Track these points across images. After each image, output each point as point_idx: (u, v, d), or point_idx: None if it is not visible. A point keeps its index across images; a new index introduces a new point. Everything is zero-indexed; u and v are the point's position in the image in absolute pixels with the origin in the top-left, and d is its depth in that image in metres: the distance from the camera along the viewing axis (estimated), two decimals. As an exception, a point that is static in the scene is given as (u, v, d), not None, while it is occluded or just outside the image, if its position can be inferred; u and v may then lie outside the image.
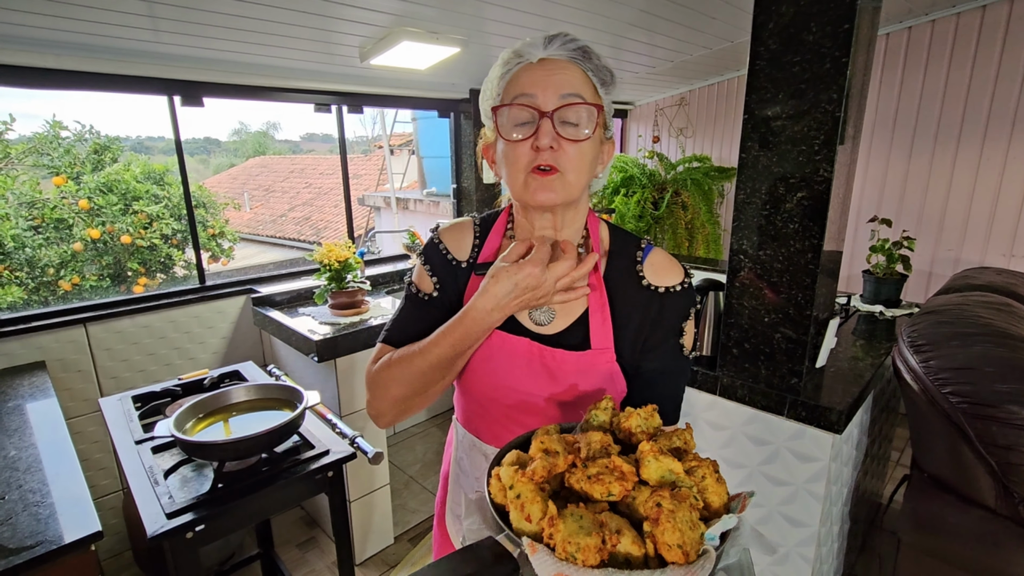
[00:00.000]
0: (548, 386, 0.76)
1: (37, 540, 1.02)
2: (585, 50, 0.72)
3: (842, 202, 1.40)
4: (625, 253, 0.80)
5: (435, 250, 0.84)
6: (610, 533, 0.45)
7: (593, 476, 0.49)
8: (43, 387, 1.70)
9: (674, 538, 0.43)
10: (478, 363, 0.79)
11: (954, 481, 1.43)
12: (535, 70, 0.71)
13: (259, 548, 2.04)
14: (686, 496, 0.47)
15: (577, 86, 0.70)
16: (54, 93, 1.67)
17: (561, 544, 0.43)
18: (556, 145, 0.69)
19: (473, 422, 0.86)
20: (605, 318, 0.77)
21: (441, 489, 0.99)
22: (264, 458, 1.35)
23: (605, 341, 0.76)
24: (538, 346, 0.76)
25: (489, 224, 0.86)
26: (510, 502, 0.49)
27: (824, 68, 1.23)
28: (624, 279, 0.79)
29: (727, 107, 3.83)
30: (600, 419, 0.62)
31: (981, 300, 1.75)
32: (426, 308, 0.82)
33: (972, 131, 2.80)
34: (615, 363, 0.76)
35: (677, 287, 0.78)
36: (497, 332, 0.77)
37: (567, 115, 0.69)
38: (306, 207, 10.69)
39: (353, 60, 2.28)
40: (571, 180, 0.71)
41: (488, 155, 0.80)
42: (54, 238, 4.17)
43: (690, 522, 0.45)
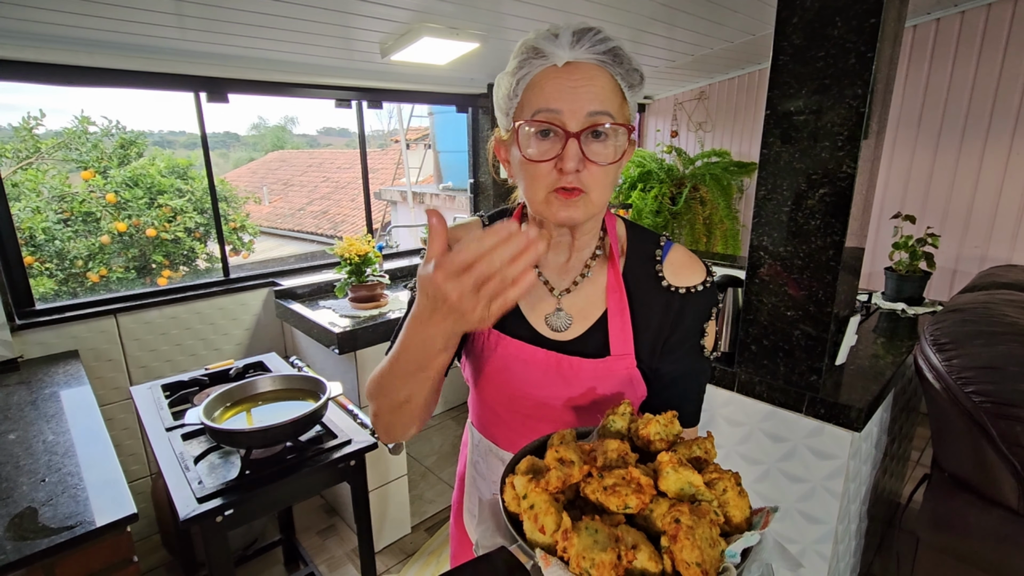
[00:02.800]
0: (565, 392, 0.74)
1: (77, 521, 1.07)
2: (616, 52, 0.65)
3: (865, 198, 1.39)
4: (643, 252, 0.77)
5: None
6: (626, 548, 0.43)
7: (609, 487, 0.47)
8: (77, 375, 1.76)
9: (693, 556, 0.41)
10: (493, 372, 0.77)
11: (975, 481, 1.42)
12: (560, 79, 0.64)
13: (281, 534, 2.10)
14: (706, 511, 0.45)
15: (607, 98, 0.64)
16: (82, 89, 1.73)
17: (575, 559, 0.42)
18: (582, 167, 0.64)
19: (489, 428, 0.84)
20: (625, 322, 0.74)
21: (457, 488, 0.99)
22: (289, 446, 1.39)
23: (625, 347, 0.73)
24: (555, 355, 0.73)
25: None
26: (524, 512, 0.47)
27: (849, 63, 1.22)
28: (643, 280, 0.75)
29: (747, 101, 3.79)
30: (618, 425, 0.60)
31: (1007, 298, 1.72)
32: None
33: (1001, 126, 2.74)
34: (635, 368, 0.74)
35: (699, 287, 0.75)
36: (513, 341, 0.75)
37: (594, 134, 0.64)
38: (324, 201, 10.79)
39: (373, 56, 2.31)
40: (596, 199, 0.67)
41: (500, 154, 0.75)
42: (82, 231, 4.28)
43: (710, 539, 0.43)
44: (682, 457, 0.51)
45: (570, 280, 0.77)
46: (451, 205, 5.36)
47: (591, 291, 0.76)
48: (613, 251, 0.77)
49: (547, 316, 0.76)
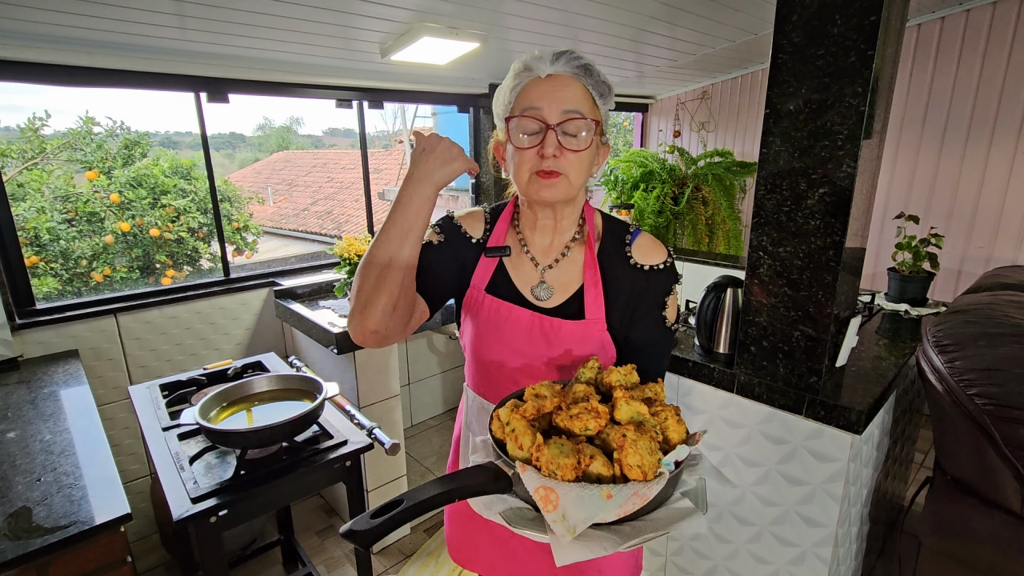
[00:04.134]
0: (547, 351, 0.88)
1: (71, 520, 1.06)
2: (587, 67, 0.83)
3: (866, 198, 1.37)
4: (616, 237, 0.92)
5: (449, 222, 0.95)
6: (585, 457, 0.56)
7: (574, 415, 0.61)
8: (76, 375, 1.76)
9: (635, 460, 0.54)
10: (486, 332, 0.90)
11: (978, 484, 1.40)
12: (543, 85, 0.81)
13: (280, 535, 2.10)
14: (648, 431, 0.58)
15: (578, 101, 0.81)
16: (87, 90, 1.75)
17: (545, 465, 0.55)
18: (559, 153, 0.80)
19: (481, 386, 0.97)
20: (598, 293, 0.88)
21: (453, 452, 1.10)
22: (285, 447, 1.39)
23: (598, 312, 0.87)
24: (539, 316, 0.88)
25: (498, 213, 0.97)
26: (507, 435, 0.60)
27: (849, 61, 1.21)
28: (615, 259, 0.90)
29: (750, 101, 3.77)
30: (587, 376, 0.74)
31: (1011, 299, 1.70)
32: (428, 252, 0.90)
33: (1007, 125, 2.71)
34: (606, 332, 0.88)
35: (660, 265, 0.89)
36: (504, 304, 0.89)
37: (569, 127, 0.80)
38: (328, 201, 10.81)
39: (374, 56, 2.30)
40: (572, 181, 0.83)
41: (499, 153, 0.91)
42: (87, 231, 4.30)
43: (649, 449, 0.56)
44: (633, 393, 0.65)
45: (552, 258, 0.92)
46: (454, 205, 5.39)
47: (570, 268, 0.91)
48: (590, 235, 0.91)
49: (532, 288, 0.91)
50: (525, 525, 0.56)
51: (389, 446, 1.44)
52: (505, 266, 0.93)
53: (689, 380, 1.66)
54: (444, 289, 0.92)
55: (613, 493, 0.52)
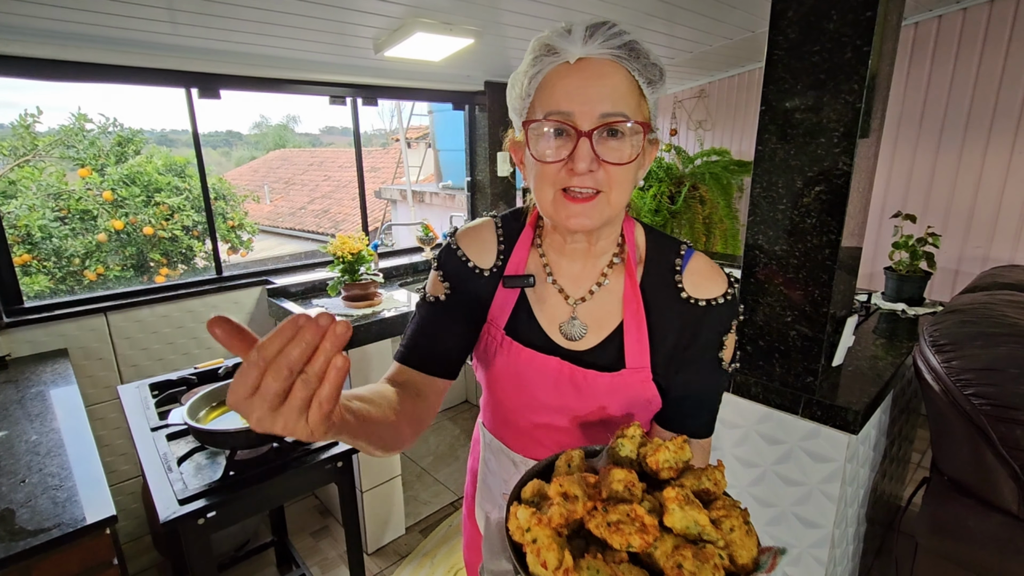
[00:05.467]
0: (577, 404, 0.72)
1: (55, 523, 1.04)
2: (632, 47, 0.62)
3: (863, 196, 1.36)
4: (663, 260, 0.74)
5: (451, 256, 0.77)
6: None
7: (613, 524, 0.47)
8: (65, 374, 1.74)
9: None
10: (507, 378, 0.75)
11: (975, 485, 1.39)
12: (572, 76, 0.62)
13: (273, 536, 2.08)
14: (711, 555, 0.44)
15: (620, 98, 0.62)
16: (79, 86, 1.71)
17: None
18: (595, 167, 0.62)
19: (500, 430, 0.84)
20: (641, 335, 0.71)
21: (470, 482, 0.98)
22: (275, 447, 1.37)
23: (641, 360, 0.71)
24: (569, 366, 0.71)
25: (513, 229, 0.79)
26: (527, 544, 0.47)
27: (845, 57, 1.19)
28: (661, 290, 0.72)
29: (747, 99, 3.76)
30: (626, 450, 0.58)
31: (1008, 299, 1.69)
32: (434, 311, 0.76)
33: (1003, 124, 2.70)
34: (651, 383, 0.71)
35: (720, 299, 0.71)
36: (526, 350, 0.73)
37: (611, 131, 0.62)
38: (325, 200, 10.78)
39: (367, 52, 2.28)
40: (613, 201, 0.64)
41: (516, 156, 0.73)
42: (79, 229, 4.27)
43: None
44: (689, 493, 0.49)
45: (586, 288, 0.75)
46: (451, 204, 5.34)
47: (607, 300, 0.74)
48: (631, 259, 0.74)
49: (561, 324, 0.74)
50: None
51: (381, 446, 1.42)
52: (528, 298, 0.76)
53: (685, 380, 1.64)
54: (464, 350, 0.78)
55: None
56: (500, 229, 0.78)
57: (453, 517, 2.39)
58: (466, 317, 0.76)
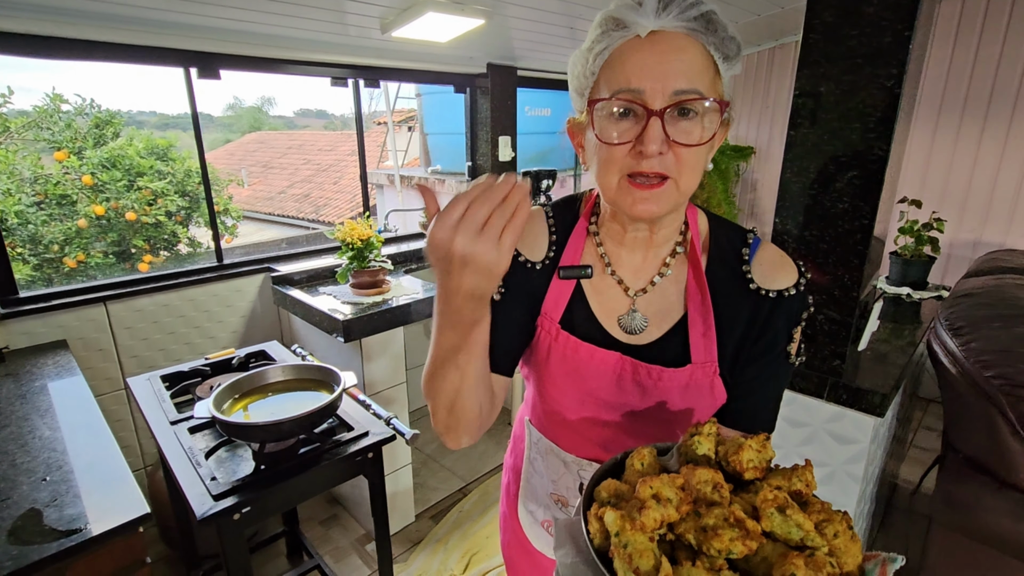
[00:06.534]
0: (640, 401, 0.70)
1: (84, 523, 1.00)
2: (710, 18, 0.58)
3: (893, 182, 1.37)
4: (729, 249, 0.70)
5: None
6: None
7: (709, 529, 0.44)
8: (68, 366, 1.67)
9: None
10: (562, 374, 0.72)
11: (991, 463, 1.43)
12: (643, 51, 0.57)
13: (284, 526, 2.05)
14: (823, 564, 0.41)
15: (696, 74, 0.57)
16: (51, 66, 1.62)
17: None
18: (665, 150, 0.58)
19: (551, 429, 0.80)
20: (708, 327, 0.67)
21: (512, 482, 0.93)
22: (303, 439, 1.34)
23: (708, 354, 0.67)
24: (631, 361, 0.68)
25: (566, 218, 0.75)
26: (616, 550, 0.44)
27: (884, 41, 1.19)
28: (728, 280, 0.68)
29: (745, 84, 3.76)
30: (703, 448, 0.54)
31: (1018, 283, 1.74)
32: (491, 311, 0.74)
33: (1000, 108, 2.75)
34: (718, 377, 0.68)
35: (792, 290, 0.67)
36: (584, 344, 0.70)
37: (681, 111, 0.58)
38: (306, 184, 10.53)
39: (372, 32, 2.21)
40: (683, 186, 0.60)
41: (575, 139, 0.68)
42: (58, 214, 4.09)
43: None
44: (787, 496, 0.46)
45: (647, 279, 0.71)
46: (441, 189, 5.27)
47: (670, 291, 0.70)
48: (695, 247, 0.70)
49: (620, 317, 0.71)
50: None
51: (410, 436, 1.40)
52: (584, 290, 0.72)
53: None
54: (521, 348, 0.75)
55: None
56: (552, 219, 0.74)
57: (463, 503, 2.39)
58: (522, 314, 0.73)
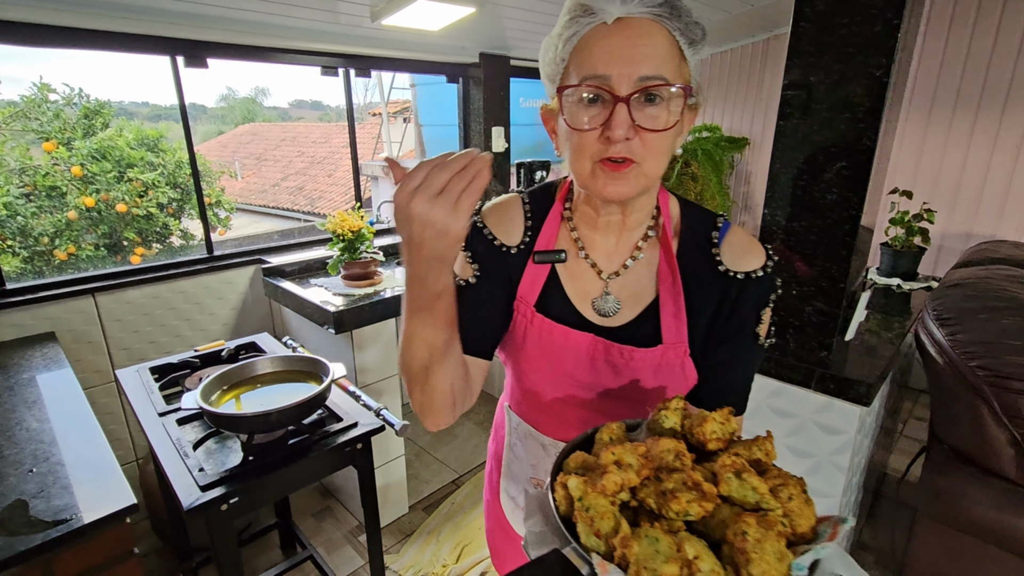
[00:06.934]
0: (613, 381, 0.72)
1: (71, 514, 1.00)
2: (673, 4, 0.59)
3: (881, 172, 1.37)
4: (699, 233, 0.72)
5: (479, 235, 0.75)
6: (687, 559, 0.41)
7: (668, 492, 0.46)
8: (56, 358, 1.66)
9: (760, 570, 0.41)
10: (538, 357, 0.74)
11: (975, 453, 1.45)
12: (610, 38, 0.59)
13: (277, 518, 2.05)
14: (774, 523, 0.43)
15: (661, 60, 0.59)
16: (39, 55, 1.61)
17: (635, 567, 0.41)
18: (631, 134, 0.60)
19: (529, 413, 0.82)
20: (679, 308, 0.69)
21: (494, 468, 0.96)
22: (291, 430, 1.34)
23: (678, 335, 0.69)
24: (604, 342, 0.70)
25: (541, 204, 0.76)
26: (578, 514, 0.46)
27: (874, 31, 1.18)
28: (698, 263, 0.70)
29: (739, 75, 3.75)
30: (670, 422, 0.57)
31: (1006, 274, 1.75)
32: (466, 294, 0.73)
33: (992, 100, 2.76)
34: (688, 358, 0.70)
35: (759, 272, 0.69)
36: (558, 326, 0.71)
37: (647, 96, 0.59)
38: (300, 176, 10.47)
39: (363, 20, 2.19)
40: (649, 171, 0.62)
41: (548, 125, 0.70)
42: (47, 206, 4.05)
43: (778, 553, 0.42)
44: (744, 462, 0.48)
45: (619, 263, 0.73)
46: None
47: (642, 274, 0.72)
48: (666, 232, 0.72)
49: (594, 300, 0.72)
50: None
51: (399, 427, 1.40)
52: (558, 274, 0.74)
53: (696, 356, 1.66)
54: (498, 331, 0.76)
55: None
56: (527, 205, 0.76)
57: (456, 495, 2.40)
58: (498, 297, 0.74)
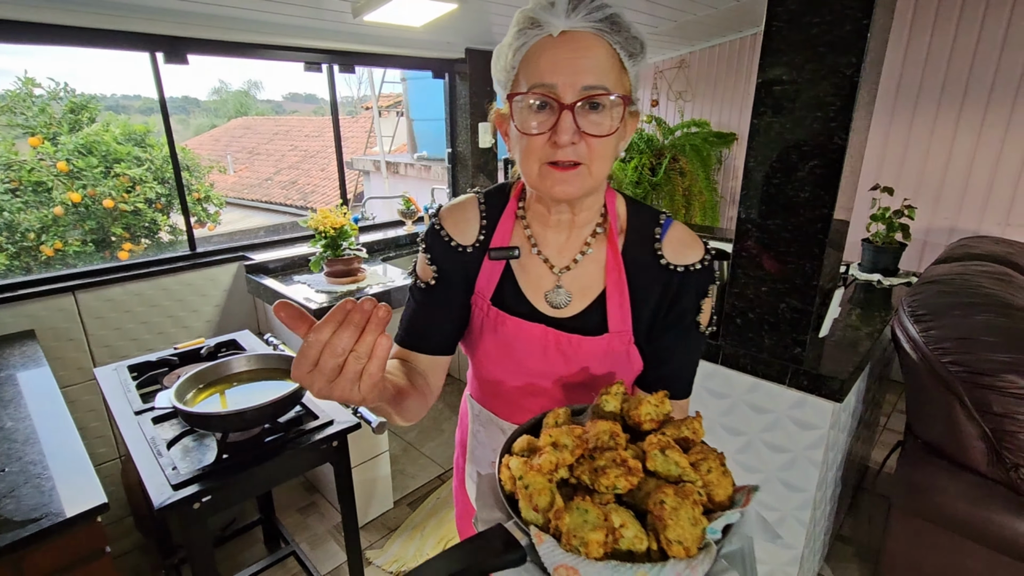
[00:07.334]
0: (563, 369, 0.76)
1: (42, 513, 1.01)
2: (614, 20, 0.64)
3: (854, 170, 1.38)
4: (643, 230, 0.77)
5: (436, 237, 0.79)
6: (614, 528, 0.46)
7: (600, 469, 0.50)
8: (35, 356, 1.66)
9: (675, 534, 0.45)
10: (495, 347, 0.78)
11: (948, 448, 1.47)
12: (556, 49, 0.63)
13: (260, 514, 2.06)
14: (690, 492, 0.48)
15: (603, 71, 0.64)
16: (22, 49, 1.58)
17: (566, 536, 0.45)
18: (577, 139, 0.64)
19: (488, 400, 0.87)
20: (623, 300, 0.75)
21: (460, 455, 1.01)
22: (267, 428, 1.34)
23: (623, 324, 0.75)
24: (554, 332, 0.75)
25: (496, 203, 0.81)
26: (519, 491, 0.50)
27: (844, 30, 1.19)
28: (642, 258, 0.76)
29: (728, 70, 3.75)
30: (610, 406, 0.62)
31: (981, 270, 1.76)
32: (427, 296, 0.78)
33: (976, 96, 2.77)
34: (633, 345, 0.75)
35: (697, 265, 0.75)
36: (512, 318, 0.76)
37: (590, 104, 0.64)
38: (293, 171, 10.43)
39: (345, 16, 2.17)
40: (594, 172, 0.67)
41: (501, 128, 0.74)
42: (33, 202, 4.03)
43: (692, 518, 0.46)
44: (669, 439, 0.54)
45: (570, 258, 0.78)
46: (427, 175, 5.23)
47: (591, 269, 0.77)
48: (612, 229, 0.77)
49: (547, 293, 0.77)
50: None
51: (376, 424, 1.41)
52: (513, 270, 0.79)
53: (675, 352, 1.67)
54: (459, 327, 0.81)
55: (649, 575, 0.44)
56: (483, 205, 0.80)
57: (441, 490, 2.41)
58: (457, 296, 0.79)
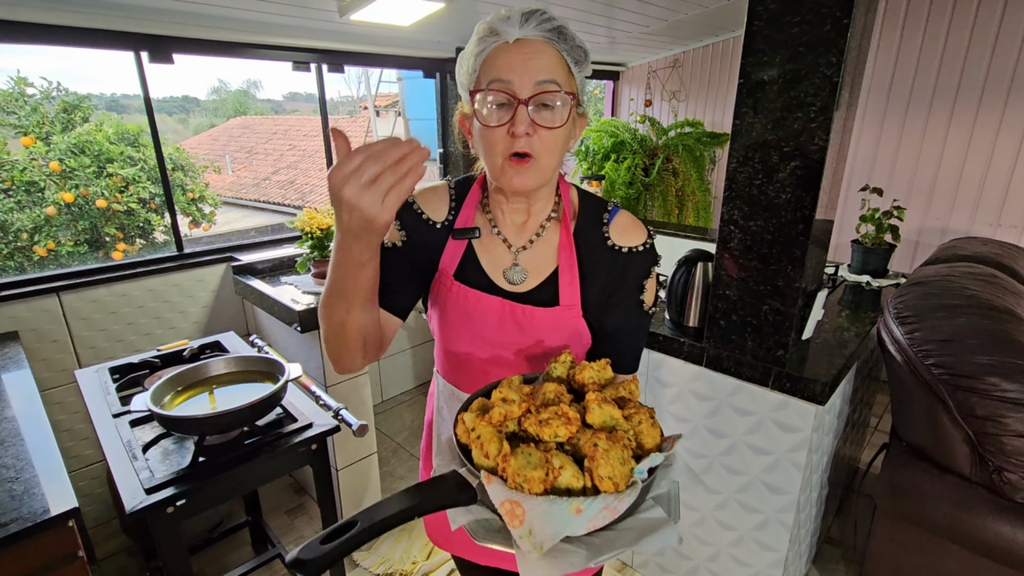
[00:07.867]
0: (518, 340, 0.83)
1: (11, 518, 1.00)
2: (561, 30, 0.74)
3: (836, 171, 1.37)
4: (593, 216, 0.86)
5: (408, 209, 0.87)
6: (553, 468, 0.53)
7: (544, 421, 0.57)
8: (16, 358, 1.65)
9: (606, 471, 0.51)
10: (457, 320, 0.85)
11: (932, 450, 1.46)
12: (511, 52, 0.72)
13: (247, 516, 2.05)
14: (620, 438, 0.55)
15: (552, 70, 0.72)
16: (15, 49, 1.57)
17: (511, 477, 0.51)
18: (531, 131, 0.72)
19: (452, 374, 0.93)
20: (573, 277, 0.83)
21: (425, 436, 1.07)
22: (246, 431, 1.33)
23: (573, 298, 0.83)
24: (510, 303, 0.82)
25: (464, 190, 0.89)
26: (472, 442, 0.56)
27: (824, 30, 1.18)
28: (592, 240, 0.84)
29: (721, 70, 3.74)
30: (558, 372, 0.69)
31: (968, 271, 1.75)
32: (390, 255, 0.84)
33: (968, 96, 2.76)
34: (581, 319, 0.83)
35: (640, 247, 0.84)
36: (472, 291, 0.83)
37: (542, 101, 0.72)
38: (291, 170, 10.41)
39: (331, 15, 2.16)
40: (545, 165, 0.75)
41: (465, 127, 0.82)
42: (26, 202, 4.02)
43: (621, 459, 0.53)
44: (607, 396, 0.61)
45: (526, 239, 0.86)
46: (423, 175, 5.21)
47: (545, 249, 0.85)
48: (566, 214, 0.85)
49: (505, 270, 0.85)
50: (491, 538, 0.53)
51: (356, 427, 1.40)
52: (474, 249, 0.86)
53: (659, 354, 1.66)
54: (414, 294, 0.87)
55: (583, 507, 0.50)
56: (452, 189, 0.89)
57: (430, 491, 2.41)
58: (419, 263, 0.86)
